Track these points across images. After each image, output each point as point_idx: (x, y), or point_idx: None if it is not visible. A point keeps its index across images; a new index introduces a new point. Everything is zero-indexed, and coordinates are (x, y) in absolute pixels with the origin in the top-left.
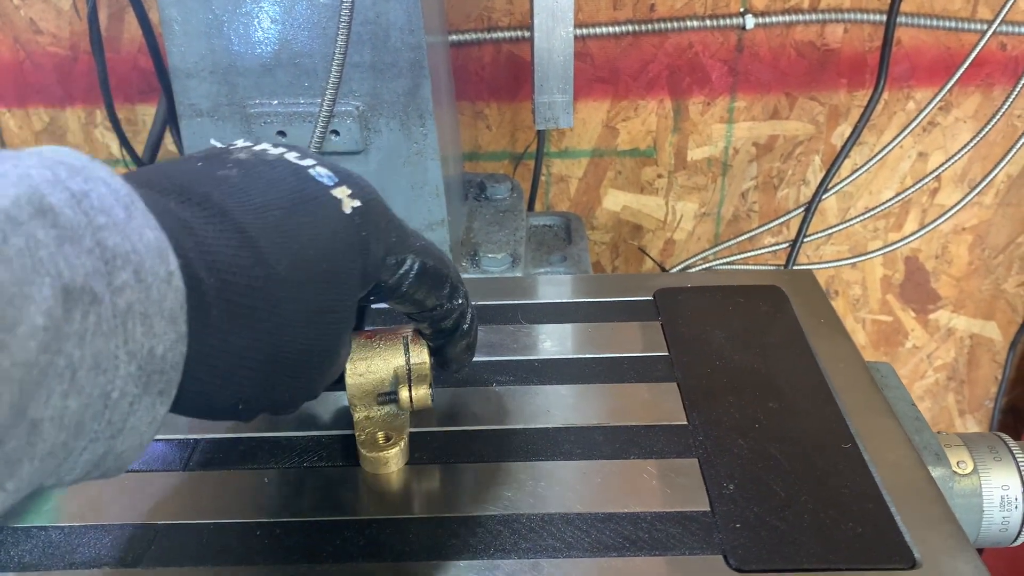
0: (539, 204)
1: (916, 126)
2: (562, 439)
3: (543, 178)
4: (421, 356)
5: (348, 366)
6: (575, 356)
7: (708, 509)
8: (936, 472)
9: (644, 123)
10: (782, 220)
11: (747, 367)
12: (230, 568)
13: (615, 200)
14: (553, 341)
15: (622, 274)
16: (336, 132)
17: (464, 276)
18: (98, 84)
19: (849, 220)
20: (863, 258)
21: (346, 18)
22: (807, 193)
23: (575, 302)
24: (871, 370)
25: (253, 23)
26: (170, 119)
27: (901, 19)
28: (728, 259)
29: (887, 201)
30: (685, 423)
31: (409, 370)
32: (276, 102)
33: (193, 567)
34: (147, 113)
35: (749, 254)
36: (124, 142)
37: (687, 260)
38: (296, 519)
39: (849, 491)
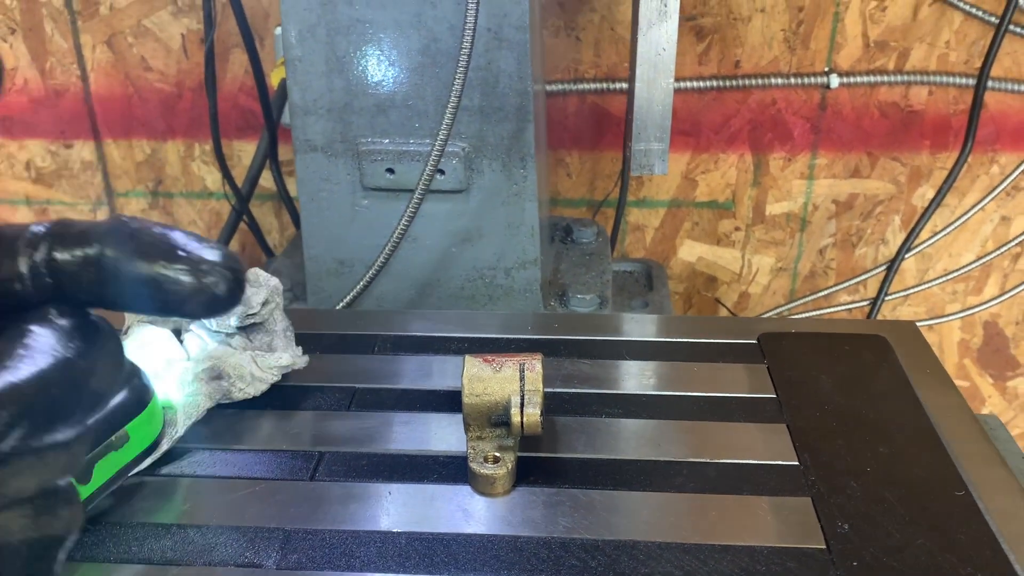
0: (614, 252)
1: (1001, 191)
2: (674, 472)
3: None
4: (535, 384)
5: (466, 387)
6: (683, 394)
7: (824, 547)
8: None
9: (724, 176)
10: (861, 278)
11: (856, 412)
12: (355, 574)
13: (691, 251)
14: (659, 378)
15: (725, 316)
16: (442, 171)
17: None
18: (199, 119)
19: (928, 282)
20: (940, 320)
21: (464, 64)
22: (885, 252)
23: (680, 341)
24: (979, 421)
25: (371, 65)
26: (271, 155)
27: (988, 83)
28: (803, 315)
29: (967, 264)
30: (796, 463)
31: (523, 396)
32: (387, 141)
33: (319, 571)
34: (243, 149)
35: (824, 311)
36: (227, 175)
37: (762, 315)
38: (416, 531)
39: (965, 537)
